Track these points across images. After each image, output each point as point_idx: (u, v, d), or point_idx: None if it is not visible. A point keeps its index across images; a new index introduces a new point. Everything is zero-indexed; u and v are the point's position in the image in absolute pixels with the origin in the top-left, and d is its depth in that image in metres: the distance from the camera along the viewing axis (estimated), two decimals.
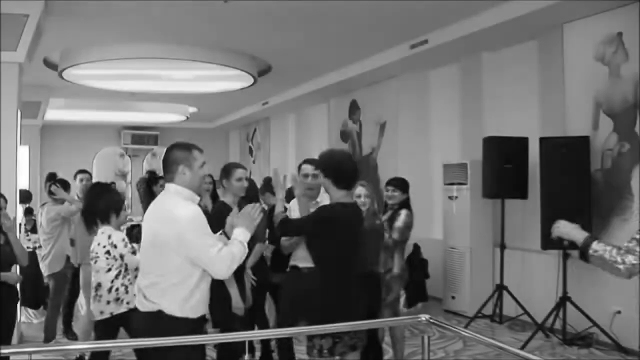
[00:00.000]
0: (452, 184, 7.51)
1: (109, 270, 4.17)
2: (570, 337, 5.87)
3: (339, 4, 6.19)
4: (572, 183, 5.77)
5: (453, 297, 7.44)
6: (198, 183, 3.06)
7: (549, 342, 5.99)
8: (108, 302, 4.15)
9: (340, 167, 3.43)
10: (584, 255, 2.84)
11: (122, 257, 4.17)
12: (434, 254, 7.75)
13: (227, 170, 4.29)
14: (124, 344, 2.91)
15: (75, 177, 6.43)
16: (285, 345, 4.51)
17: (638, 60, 5.52)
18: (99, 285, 4.19)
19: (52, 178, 6.50)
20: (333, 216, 3.38)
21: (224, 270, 2.90)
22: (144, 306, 2.93)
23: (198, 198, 3.08)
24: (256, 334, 4.93)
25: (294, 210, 4.16)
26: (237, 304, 4.05)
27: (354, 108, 10.44)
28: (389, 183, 5.08)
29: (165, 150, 3.10)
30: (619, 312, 5.58)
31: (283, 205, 3.73)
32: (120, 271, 4.19)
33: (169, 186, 3.02)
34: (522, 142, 6.63)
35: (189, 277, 2.89)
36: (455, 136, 8.02)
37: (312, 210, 3.87)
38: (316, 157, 3.85)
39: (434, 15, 6.57)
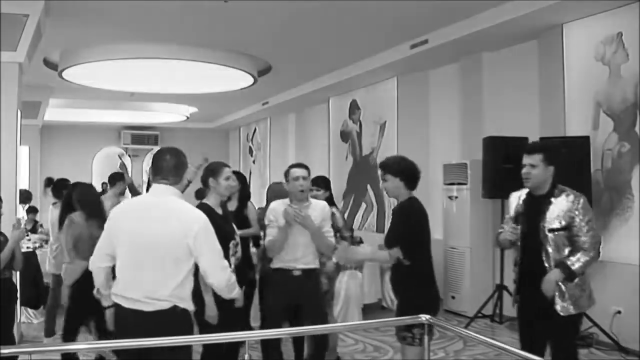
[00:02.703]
0: (452, 184, 7.50)
1: None
2: None
3: (339, 4, 6.19)
4: (572, 183, 5.76)
5: (453, 297, 7.43)
6: (184, 191, 3.23)
7: None
8: None
9: (413, 171, 3.89)
10: None
11: None
12: (434, 254, 7.67)
13: (215, 169, 4.01)
14: (123, 344, 2.90)
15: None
16: (274, 345, 4.43)
17: (638, 60, 5.52)
18: None
19: (50, 183, 6.48)
20: (421, 207, 3.94)
21: (224, 280, 3.07)
22: (152, 306, 2.90)
23: None
24: (256, 334, 4.92)
25: (274, 211, 4.29)
26: (211, 311, 3.76)
27: (354, 108, 10.44)
28: (314, 183, 5.01)
29: (175, 153, 3.10)
30: (619, 312, 5.58)
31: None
32: None
33: (169, 188, 3.03)
34: (522, 142, 6.60)
35: (190, 272, 2.98)
36: (455, 136, 8.01)
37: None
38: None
39: (434, 15, 6.56)
